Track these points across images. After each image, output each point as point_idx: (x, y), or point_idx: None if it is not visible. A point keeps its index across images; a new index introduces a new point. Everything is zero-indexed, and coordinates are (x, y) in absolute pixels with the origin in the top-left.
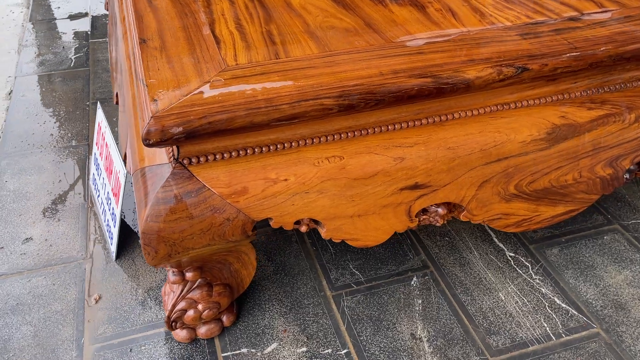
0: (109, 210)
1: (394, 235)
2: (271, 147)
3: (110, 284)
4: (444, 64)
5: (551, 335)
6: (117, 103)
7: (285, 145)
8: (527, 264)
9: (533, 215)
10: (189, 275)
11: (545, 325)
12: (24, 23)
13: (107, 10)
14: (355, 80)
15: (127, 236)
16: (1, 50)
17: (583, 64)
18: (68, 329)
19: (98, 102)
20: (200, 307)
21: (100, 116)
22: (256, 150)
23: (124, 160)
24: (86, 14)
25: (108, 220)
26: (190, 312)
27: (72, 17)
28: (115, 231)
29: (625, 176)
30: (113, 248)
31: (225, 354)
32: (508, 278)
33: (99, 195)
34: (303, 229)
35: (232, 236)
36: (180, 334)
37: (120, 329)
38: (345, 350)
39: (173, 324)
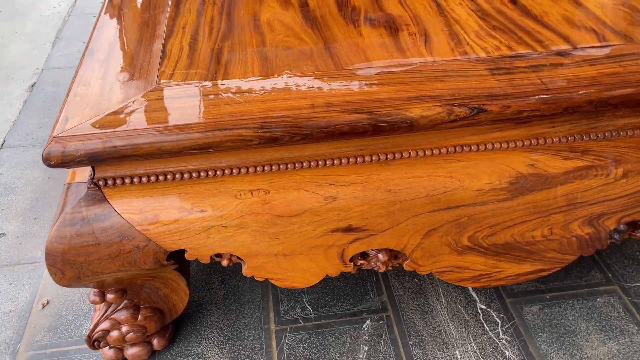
0: None
1: (358, 271)
2: (193, 174)
3: (62, 290)
4: (387, 99)
5: None
6: None
7: (209, 173)
8: (498, 320)
9: (493, 271)
10: (109, 296)
11: None
12: (66, 17)
13: None
14: (282, 112)
15: None
16: (38, 42)
17: (556, 109)
18: (9, 332)
19: None
20: (124, 329)
21: None
22: (176, 176)
23: None
24: None
25: None
26: (114, 333)
27: None
28: None
29: (613, 237)
30: None
31: None
32: (471, 334)
33: None
34: (224, 263)
35: (144, 264)
36: (108, 353)
37: (57, 339)
38: None
39: (95, 343)
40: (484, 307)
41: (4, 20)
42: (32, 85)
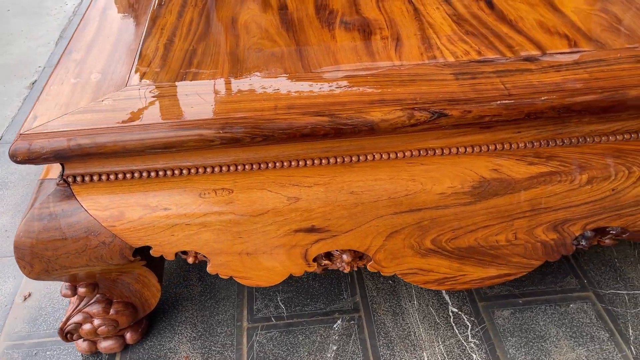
0: None
1: (333, 271)
2: (160, 173)
3: (44, 283)
4: (350, 102)
5: None
6: None
7: (175, 172)
8: (468, 324)
9: (458, 274)
10: (80, 290)
11: None
12: (71, 16)
13: None
14: (244, 113)
15: None
16: (43, 40)
17: (518, 114)
18: None
19: None
20: (96, 322)
21: None
22: (143, 174)
23: None
24: None
25: None
26: (86, 326)
27: None
28: None
29: (581, 243)
30: None
31: None
32: (440, 337)
33: None
34: (190, 260)
35: (111, 260)
36: (82, 345)
37: (35, 330)
38: None
39: (67, 335)
40: (456, 310)
41: (12, 18)
42: (33, 83)
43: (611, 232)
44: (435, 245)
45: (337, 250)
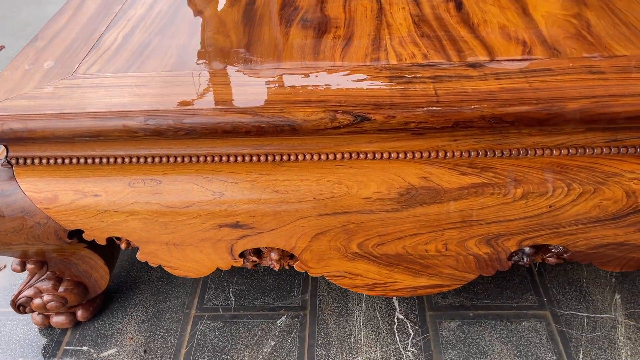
0: None
1: (291, 267)
2: (95, 160)
3: None
4: (275, 101)
5: None
6: None
7: (110, 160)
8: (411, 332)
9: (388, 281)
10: (29, 266)
11: None
12: None
13: None
14: (169, 106)
15: None
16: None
17: (445, 122)
18: None
19: None
20: (45, 298)
21: None
22: (81, 160)
23: None
24: None
25: None
26: (37, 301)
27: None
28: None
29: (522, 259)
30: None
31: (68, 347)
32: (379, 342)
33: None
34: (123, 246)
35: (48, 240)
36: (36, 318)
37: (2, 301)
38: None
39: (20, 307)
40: (402, 317)
41: (31, 4)
42: None
43: (553, 250)
44: (362, 250)
45: (265, 248)
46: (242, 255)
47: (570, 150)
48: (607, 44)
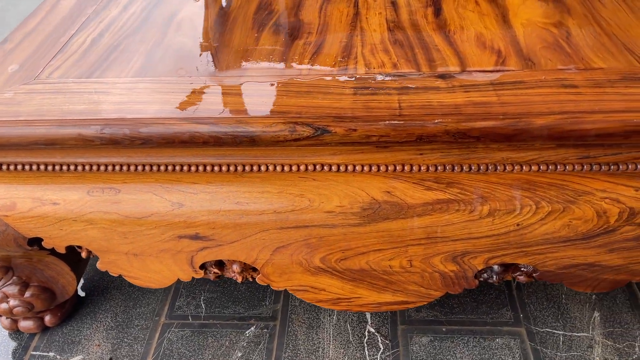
0: None
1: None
2: (55, 167)
3: None
4: (233, 110)
5: None
6: None
7: (70, 167)
8: (381, 346)
9: (352, 296)
10: None
11: None
12: None
13: None
14: (126, 114)
15: None
16: None
17: (407, 136)
18: None
19: None
20: (11, 302)
21: None
22: (41, 167)
23: None
24: None
25: None
26: (3, 305)
27: None
28: None
29: (491, 277)
30: None
31: (35, 353)
32: (348, 356)
33: None
34: (83, 254)
35: (8, 247)
36: (4, 322)
37: None
38: None
39: None
40: (373, 330)
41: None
42: None
43: (522, 269)
44: (324, 265)
45: (227, 260)
46: (203, 266)
47: (541, 167)
48: (585, 55)
